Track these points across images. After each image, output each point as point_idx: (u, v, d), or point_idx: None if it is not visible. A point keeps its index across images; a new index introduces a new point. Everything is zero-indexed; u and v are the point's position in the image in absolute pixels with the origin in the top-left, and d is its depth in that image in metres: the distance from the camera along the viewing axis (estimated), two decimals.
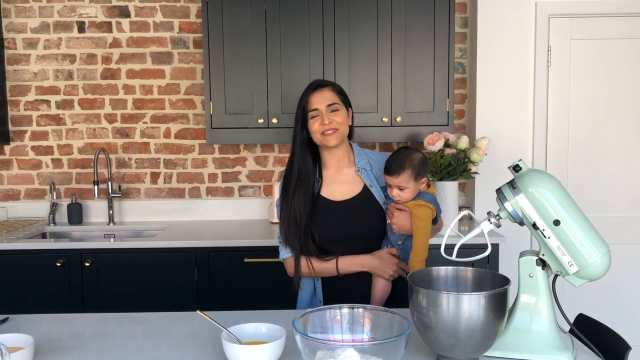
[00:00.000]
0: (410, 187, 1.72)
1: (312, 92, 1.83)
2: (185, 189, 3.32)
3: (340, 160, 1.89)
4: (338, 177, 1.89)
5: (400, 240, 1.80)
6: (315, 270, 1.82)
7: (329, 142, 1.80)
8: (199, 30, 3.20)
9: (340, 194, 1.87)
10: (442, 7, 2.84)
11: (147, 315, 1.69)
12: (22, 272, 2.71)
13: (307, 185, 1.83)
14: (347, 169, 1.89)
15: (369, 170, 1.88)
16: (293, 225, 1.81)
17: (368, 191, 1.86)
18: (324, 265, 1.82)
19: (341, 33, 2.85)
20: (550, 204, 1.26)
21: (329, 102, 1.81)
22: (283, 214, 1.85)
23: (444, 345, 1.23)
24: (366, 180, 1.86)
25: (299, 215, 1.81)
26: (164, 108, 3.27)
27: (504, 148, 3.09)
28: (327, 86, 1.85)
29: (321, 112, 1.80)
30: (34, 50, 3.22)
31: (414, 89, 2.89)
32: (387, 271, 1.78)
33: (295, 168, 1.85)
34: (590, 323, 1.54)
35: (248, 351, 1.22)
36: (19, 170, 3.29)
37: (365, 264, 1.80)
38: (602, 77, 3.10)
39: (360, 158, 1.89)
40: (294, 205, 1.81)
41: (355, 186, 1.87)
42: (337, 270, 1.81)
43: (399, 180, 1.71)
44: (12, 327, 1.55)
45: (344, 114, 1.83)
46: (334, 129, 1.79)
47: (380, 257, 1.80)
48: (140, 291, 2.71)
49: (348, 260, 1.81)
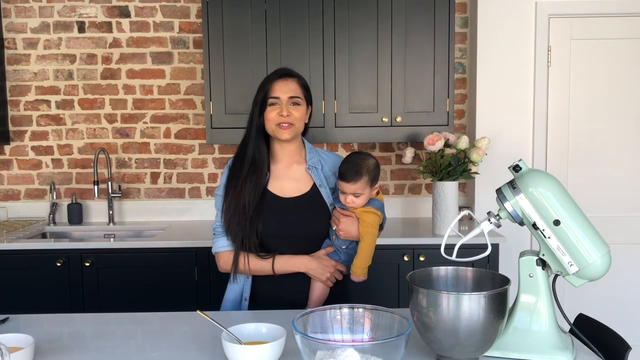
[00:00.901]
0: (365, 194, 1.71)
1: (277, 79, 1.76)
2: (185, 189, 3.32)
3: (291, 155, 1.82)
4: (287, 172, 1.82)
5: (344, 245, 1.77)
6: (250, 268, 1.75)
7: (282, 135, 1.73)
8: (199, 30, 3.20)
9: (289, 191, 1.80)
10: (442, 8, 2.84)
11: (147, 315, 1.69)
12: (22, 272, 2.71)
13: (259, 173, 1.76)
14: (298, 166, 1.83)
15: (319, 170, 1.82)
16: (240, 214, 1.72)
17: (317, 190, 1.80)
18: (260, 263, 1.74)
19: (341, 33, 2.85)
20: (550, 204, 1.26)
21: (291, 94, 1.74)
22: (229, 200, 1.75)
23: (444, 345, 1.23)
24: (316, 179, 1.81)
25: (247, 204, 1.72)
26: (164, 108, 3.27)
27: (504, 148, 3.09)
28: (294, 77, 1.79)
29: (281, 102, 1.73)
30: (34, 50, 3.22)
31: (414, 89, 2.89)
32: (324, 273, 1.74)
33: (250, 154, 1.77)
34: (590, 323, 1.54)
35: (248, 351, 1.22)
36: (19, 170, 3.29)
37: (302, 264, 1.75)
38: (602, 77, 3.10)
39: (311, 156, 1.83)
40: (244, 193, 1.73)
41: (304, 184, 1.81)
42: (273, 270, 1.74)
43: (355, 187, 1.68)
44: (12, 327, 1.55)
45: (304, 110, 1.78)
46: (289, 123, 1.73)
47: (318, 259, 1.76)
48: (140, 291, 2.71)
49: (285, 260, 1.75)
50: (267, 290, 1.80)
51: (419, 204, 3.30)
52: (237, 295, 1.83)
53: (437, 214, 2.76)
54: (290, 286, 1.78)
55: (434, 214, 2.79)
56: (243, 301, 1.81)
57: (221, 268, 1.81)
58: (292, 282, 1.77)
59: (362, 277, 1.74)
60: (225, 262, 1.79)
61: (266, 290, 1.80)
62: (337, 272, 1.78)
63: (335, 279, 1.79)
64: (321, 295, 1.78)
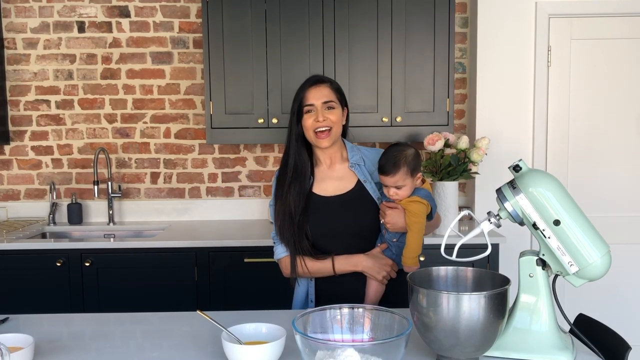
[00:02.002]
0: (408, 185, 1.69)
1: (310, 87, 1.80)
2: (185, 189, 3.32)
3: (332, 156, 1.86)
4: (330, 173, 1.85)
5: (395, 238, 1.77)
6: (309, 270, 1.79)
7: (321, 144, 1.78)
8: (199, 30, 3.20)
9: (333, 190, 1.83)
10: (442, 7, 2.84)
11: (147, 315, 1.69)
12: (22, 272, 2.71)
13: (302, 179, 1.80)
14: (340, 165, 1.86)
15: (362, 166, 1.84)
16: (288, 219, 1.77)
17: (362, 186, 1.82)
18: (318, 265, 1.78)
19: (341, 33, 2.85)
20: (550, 204, 1.26)
21: (325, 99, 1.78)
22: (278, 208, 1.81)
23: (444, 345, 1.23)
24: (360, 175, 1.83)
25: (293, 209, 1.77)
26: (164, 108, 3.27)
27: (504, 148, 3.09)
28: (325, 82, 1.82)
29: (316, 108, 1.77)
30: (34, 50, 3.22)
31: (414, 89, 2.89)
32: (380, 272, 1.76)
33: (291, 161, 1.82)
34: (590, 323, 1.54)
35: (248, 351, 1.22)
36: (19, 170, 3.29)
37: (359, 263, 1.77)
38: (602, 77, 3.10)
39: (353, 154, 1.86)
40: (289, 199, 1.78)
41: (348, 182, 1.83)
42: (334, 270, 1.78)
43: (395, 179, 1.67)
44: (12, 327, 1.55)
45: (339, 112, 1.81)
46: (327, 127, 1.76)
47: (374, 257, 1.77)
48: (140, 291, 2.71)
49: (342, 259, 1.77)
50: (328, 291, 1.82)
51: None
52: (303, 297, 1.86)
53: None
54: (350, 285, 1.80)
55: None
56: (309, 302, 1.84)
57: (284, 274, 1.86)
58: (348, 280, 1.79)
59: (413, 266, 1.71)
60: (286, 267, 1.83)
61: (328, 291, 1.83)
62: (393, 271, 1.79)
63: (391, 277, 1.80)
64: (377, 292, 1.78)
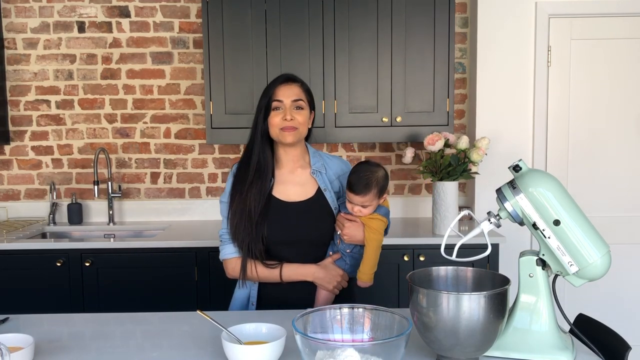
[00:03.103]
0: (373, 204, 1.72)
1: (281, 84, 1.77)
2: (185, 189, 3.32)
3: (295, 160, 1.82)
4: (292, 177, 1.82)
5: (348, 249, 1.77)
6: (259, 276, 1.77)
7: (286, 138, 1.74)
8: (199, 30, 3.20)
9: (294, 195, 1.80)
10: (442, 7, 2.84)
11: (147, 315, 1.69)
12: (22, 272, 2.71)
13: (264, 179, 1.76)
14: (302, 170, 1.83)
15: (323, 174, 1.82)
16: (246, 219, 1.72)
17: (321, 194, 1.80)
18: (268, 272, 1.76)
19: (341, 33, 2.85)
20: (550, 204, 1.26)
21: (295, 97, 1.75)
22: (235, 206, 1.75)
23: (444, 345, 1.23)
24: (321, 183, 1.81)
25: (253, 209, 1.72)
26: (164, 108, 3.27)
27: (504, 148, 3.09)
28: (297, 82, 1.80)
29: (285, 106, 1.74)
30: (34, 50, 3.22)
31: (414, 89, 2.89)
32: (331, 282, 1.75)
33: (254, 159, 1.77)
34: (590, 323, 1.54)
35: (248, 351, 1.22)
36: (19, 170, 3.29)
37: (309, 274, 1.76)
38: (602, 77, 3.10)
39: (315, 160, 1.83)
40: (249, 199, 1.73)
41: (309, 188, 1.81)
42: (281, 278, 1.76)
43: (364, 199, 1.69)
44: (12, 327, 1.55)
45: (307, 114, 1.78)
46: (293, 127, 1.73)
47: (326, 268, 1.76)
48: (140, 291, 2.71)
49: (292, 268, 1.76)
50: (273, 293, 1.81)
51: (419, 204, 3.30)
52: (245, 299, 1.84)
53: (437, 214, 2.76)
54: (296, 289, 1.78)
55: (434, 214, 2.79)
56: (250, 305, 1.82)
57: (229, 275, 1.82)
58: (298, 285, 1.78)
59: (368, 282, 1.75)
60: (233, 269, 1.80)
61: (272, 294, 1.81)
62: (344, 281, 1.79)
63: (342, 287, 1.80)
64: (327, 300, 1.79)
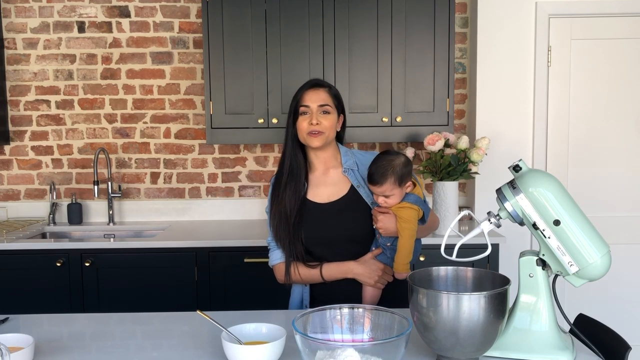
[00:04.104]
0: (396, 194, 1.69)
1: (308, 89, 1.80)
2: (185, 189, 3.32)
3: (326, 162, 1.85)
4: (324, 179, 1.84)
5: (388, 242, 1.76)
6: (302, 277, 1.79)
7: (312, 142, 1.76)
8: (199, 30, 3.20)
9: (327, 196, 1.82)
10: (442, 7, 2.84)
11: (147, 315, 1.69)
12: (22, 272, 2.71)
13: (298, 179, 1.79)
14: (334, 170, 1.85)
15: (355, 171, 1.83)
16: (283, 220, 1.77)
17: (355, 192, 1.81)
18: (310, 272, 1.78)
19: (341, 33, 2.85)
20: (550, 204, 1.26)
21: (321, 102, 1.77)
22: (273, 210, 1.81)
23: (444, 345, 1.23)
24: (353, 180, 1.82)
25: (289, 210, 1.77)
26: (164, 108, 3.27)
27: (504, 148, 3.09)
28: (324, 87, 1.81)
29: (312, 111, 1.76)
30: (34, 50, 3.22)
31: (414, 89, 2.89)
32: (372, 277, 1.75)
33: (287, 162, 1.81)
34: (590, 323, 1.54)
35: (248, 351, 1.22)
36: (19, 170, 3.29)
37: (349, 270, 1.76)
38: (602, 77, 3.10)
39: (347, 158, 1.85)
40: (285, 200, 1.77)
41: (342, 187, 1.83)
42: (322, 278, 1.77)
43: (382, 189, 1.68)
44: (12, 327, 1.55)
45: (334, 118, 1.79)
46: (319, 131, 1.75)
47: (365, 263, 1.76)
48: (140, 291, 2.71)
49: (332, 267, 1.77)
50: (323, 294, 1.82)
51: None
52: (298, 301, 1.86)
53: (437, 214, 2.76)
54: (342, 288, 1.79)
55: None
56: (304, 307, 1.84)
57: (279, 279, 1.85)
58: (343, 283, 1.78)
59: (404, 273, 1.71)
60: (281, 274, 1.82)
61: (322, 294, 1.82)
62: (387, 275, 1.77)
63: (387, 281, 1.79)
64: (373, 297, 1.78)
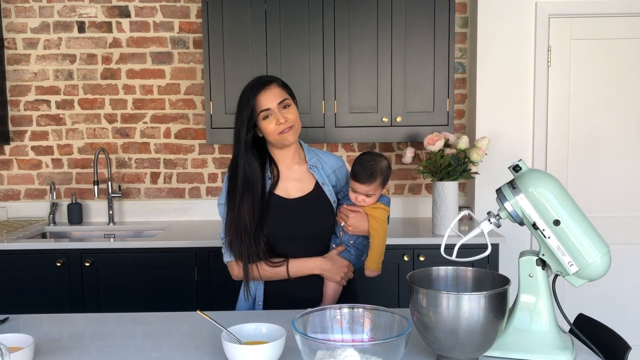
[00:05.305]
0: (377, 194, 1.74)
1: (260, 91, 1.72)
2: (185, 189, 3.32)
3: (291, 157, 1.82)
4: (289, 174, 1.82)
5: (352, 240, 1.79)
6: (263, 276, 1.76)
7: (287, 139, 1.72)
8: (199, 30, 3.20)
9: (293, 191, 1.81)
10: (442, 7, 2.84)
11: (147, 315, 1.69)
12: (22, 272, 2.71)
13: (255, 190, 1.74)
14: (298, 166, 1.83)
15: (320, 168, 1.83)
16: (241, 232, 1.72)
17: (320, 189, 1.81)
18: (273, 270, 1.75)
19: (341, 33, 2.85)
20: (550, 204, 1.26)
21: (279, 99, 1.72)
22: (229, 222, 1.75)
23: (444, 345, 1.23)
24: (318, 177, 1.82)
25: (248, 223, 1.71)
26: (164, 108, 3.27)
27: (504, 148, 3.09)
28: (273, 82, 1.76)
29: (274, 111, 1.71)
30: (34, 50, 3.22)
31: (414, 89, 2.89)
32: (338, 273, 1.76)
33: (241, 172, 1.74)
34: (590, 323, 1.54)
35: (248, 351, 1.22)
36: (19, 170, 3.29)
37: (317, 266, 1.76)
38: (602, 77, 3.10)
39: (310, 156, 1.85)
40: (242, 214, 1.72)
41: (307, 183, 1.82)
42: (288, 274, 1.75)
43: (368, 188, 1.71)
44: (12, 327, 1.55)
45: (295, 109, 1.76)
46: (290, 126, 1.71)
47: (332, 260, 1.77)
48: (140, 291, 2.71)
49: (299, 263, 1.76)
50: (279, 290, 1.80)
51: (419, 204, 3.30)
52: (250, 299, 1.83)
53: (437, 214, 2.76)
54: (303, 285, 1.78)
55: (434, 214, 2.79)
56: (257, 305, 1.82)
57: (235, 276, 1.82)
58: (304, 281, 1.78)
59: (376, 271, 1.77)
60: (238, 271, 1.78)
61: (278, 291, 1.80)
62: (350, 272, 1.80)
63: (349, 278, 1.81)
64: (335, 293, 1.80)
